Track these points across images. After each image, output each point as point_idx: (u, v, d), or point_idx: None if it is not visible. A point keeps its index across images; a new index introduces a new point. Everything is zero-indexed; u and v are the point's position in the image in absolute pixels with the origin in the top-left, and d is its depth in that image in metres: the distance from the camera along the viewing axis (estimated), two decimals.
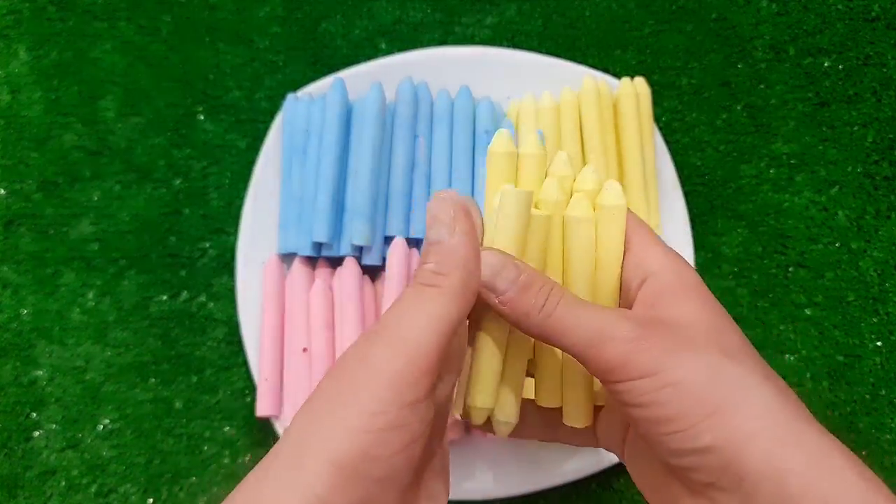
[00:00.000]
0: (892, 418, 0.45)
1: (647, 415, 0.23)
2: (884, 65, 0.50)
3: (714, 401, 0.22)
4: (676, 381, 0.22)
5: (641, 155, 0.43)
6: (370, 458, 0.19)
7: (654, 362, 0.23)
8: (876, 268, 0.47)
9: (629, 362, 0.23)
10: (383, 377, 0.20)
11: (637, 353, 0.23)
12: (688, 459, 0.22)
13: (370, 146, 0.41)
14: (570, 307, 0.24)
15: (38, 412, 0.45)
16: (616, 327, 0.23)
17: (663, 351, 0.23)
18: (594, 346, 0.23)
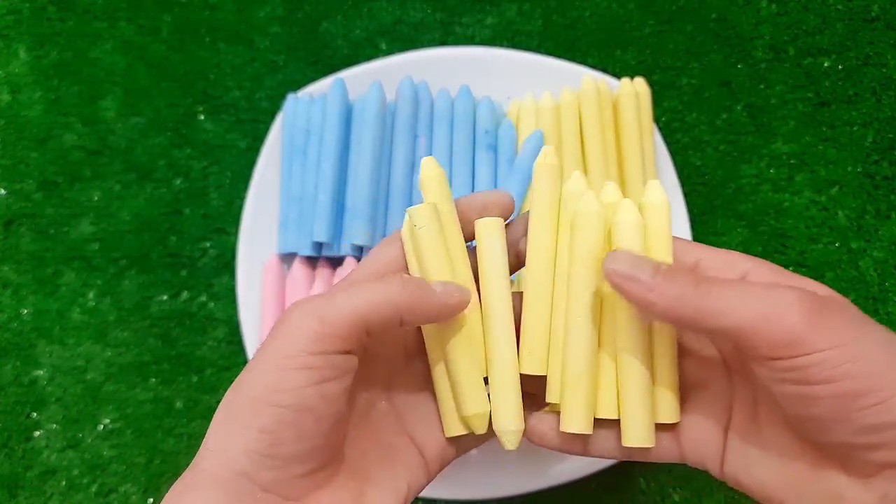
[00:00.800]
0: None
1: (834, 390, 0.21)
2: (884, 65, 0.50)
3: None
4: (865, 351, 0.21)
5: (641, 155, 0.43)
6: (279, 389, 0.22)
7: (840, 333, 0.22)
8: (876, 267, 0.47)
9: (813, 332, 0.22)
10: (300, 330, 0.23)
11: (822, 321, 0.22)
12: (879, 435, 0.22)
13: (370, 146, 0.41)
14: (728, 284, 0.23)
15: (38, 412, 0.45)
16: (792, 297, 0.22)
17: (841, 324, 0.22)
18: (770, 320, 0.22)
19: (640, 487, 0.44)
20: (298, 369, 0.23)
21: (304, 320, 0.23)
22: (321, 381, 0.23)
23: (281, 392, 0.22)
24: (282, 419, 0.22)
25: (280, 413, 0.22)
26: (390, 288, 0.24)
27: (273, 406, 0.22)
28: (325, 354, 0.23)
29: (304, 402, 0.23)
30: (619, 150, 0.44)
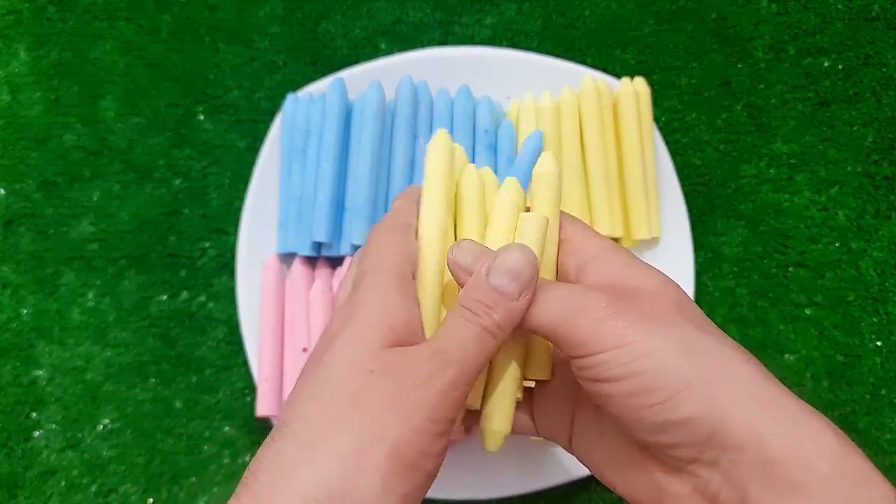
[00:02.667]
0: (892, 418, 0.45)
1: (622, 389, 0.22)
2: (884, 64, 0.50)
3: (691, 370, 0.22)
4: (652, 350, 0.22)
5: (641, 155, 0.43)
6: (427, 454, 0.22)
7: (628, 332, 0.22)
8: (876, 267, 0.47)
9: (601, 332, 0.22)
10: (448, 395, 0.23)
11: (609, 321, 0.22)
12: (668, 434, 0.22)
13: (370, 146, 0.41)
14: (540, 286, 0.24)
15: (38, 412, 0.45)
16: (586, 299, 0.23)
17: (636, 320, 0.22)
18: (566, 321, 0.23)
19: None
20: (442, 435, 0.23)
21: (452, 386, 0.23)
22: (447, 444, 0.23)
23: (429, 457, 0.22)
24: (420, 483, 0.22)
25: (422, 478, 0.22)
26: (483, 356, 0.24)
27: (419, 471, 0.22)
28: (454, 421, 0.23)
29: (439, 464, 0.23)
30: (618, 150, 0.44)
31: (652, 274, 0.25)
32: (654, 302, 0.23)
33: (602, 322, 0.23)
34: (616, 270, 0.25)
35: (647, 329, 0.22)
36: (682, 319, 0.23)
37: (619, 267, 0.25)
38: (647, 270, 0.25)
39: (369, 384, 0.22)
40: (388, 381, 0.22)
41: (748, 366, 0.22)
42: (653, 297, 0.24)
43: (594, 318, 0.23)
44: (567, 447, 0.28)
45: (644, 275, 0.25)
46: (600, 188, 0.42)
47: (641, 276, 0.25)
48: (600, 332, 0.22)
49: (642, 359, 0.22)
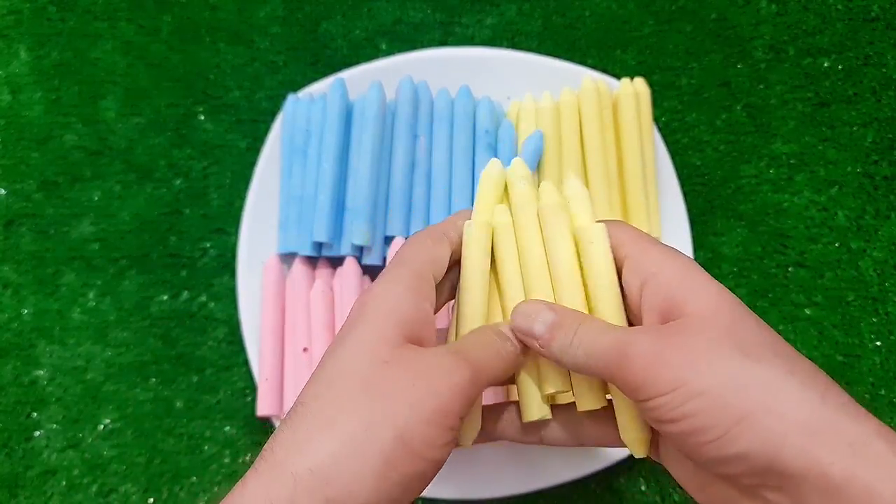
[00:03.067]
0: (891, 418, 0.45)
1: (678, 429, 0.23)
2: (883, 65, 0.50)
3: (741, 406, 0.22)
4: (701, 391, 0.22)
5: (641, 155, 0.43)
6: (434, 445, 0.23)
7: (677, 375, 0.23)
8: (875, 268, 0.47)
9: (652, 378, 0.23)
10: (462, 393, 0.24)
11: (658, 367, 0.23)
12: (728, 467, 0.22)
13: (370, 146, 0.41)
14: (589, 334, 0.25)
15: (38, 412, 0.45)
16: (633, 345, 0.24)
17: (684, 362, 0.23)
18: (619, 367, 0.24)
19: (641, 487, 0.44)
20: (451, 429, 0.23)
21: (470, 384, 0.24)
22: (454, 440, 0.24)
23: (434, 447, 0.23)
24: (422, 471, 0.23)
25: (426, 467, 0.23)
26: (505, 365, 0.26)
27: (423, 459, 0.23)
28: (462, 416, 0.24)
29: (442, 459, 0.23)
30: (618, 151, 0.44)
31: (706, 290, 0.24)
32: (703, 331, 0.23)
33: (650, 367, 0.23)
34: (672, 288, 0.25)
35: (696, 369, 0.22)
36: (733, 349, 0.23)
37: (675, 284, 0.25)
38: (701, 286, 0.25)
39: (384, 373, 0.23)
40: (403, 373, 0.23)
41: (802, 391, 0.22)
42: (703, 323, 0.24)
43: (642, 363, 0.23)
44: (656, 457, 0.28)
45: (698, 292, 0.24)
46: (600, 188, 0.42)
47: (695, 293, 0.24)
48: (649, 378, 0.23)
49: (694, 400, 0.22)
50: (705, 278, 0.25)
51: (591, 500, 0.44)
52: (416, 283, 0.26)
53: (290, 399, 0.41)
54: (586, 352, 0.25)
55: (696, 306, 0.24)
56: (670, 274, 0.25)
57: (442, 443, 0.23)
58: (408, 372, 0.23)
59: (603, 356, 0.24)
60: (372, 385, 0.23)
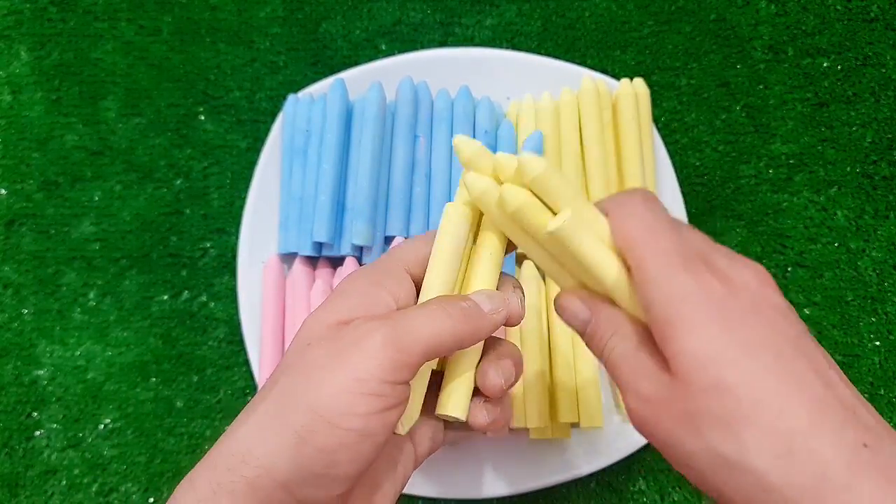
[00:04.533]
0: (891, 417, 0.45)
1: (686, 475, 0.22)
2: (882, 65, 0.50)
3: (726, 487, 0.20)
4: (687, 458, 0.21)
5: (640, 155, 0.43)
6: (348, 413, 0.22)
7: (667, 435, 0.22)
8: (875, 267, 0.47)
9: (650, 426, 0.22)
10: (377, 356, 0.23)
11: (655, 419, 0.22)
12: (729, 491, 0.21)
13: (370, 146, 0.41)
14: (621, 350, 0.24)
15: (39, 412, 0.45)
16: (640, 385, 0.22)
17: (675, 425, 0.21)
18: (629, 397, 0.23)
19: (640, 486, 0.44)
20: (370, 395, 0.22)
21: (383, 346, 0.23)
22: (385, 409, 0.23)
23: (350, 416, 0.22)
24: (344, 442, 0.22)
25: (345, 436, 0.22)
26: (455, 321, 0.24)
27: (339, 428, 0.22)
28: (395, 384, 0.23)
29: (369, 428, 0.22)
30: (618, 151, 0.44)
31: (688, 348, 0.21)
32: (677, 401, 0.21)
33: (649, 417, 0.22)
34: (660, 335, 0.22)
35: (684, 434, 0.21)
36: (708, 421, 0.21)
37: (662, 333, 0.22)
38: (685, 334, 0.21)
39: (303, 354, 0.24)
40: (319, 349, 0.24)
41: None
42: (682, 391, 0.21)
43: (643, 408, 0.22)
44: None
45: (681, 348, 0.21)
46: (599, 188, 0.42)
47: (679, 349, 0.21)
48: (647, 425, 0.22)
49: (683, 468, 0.22)
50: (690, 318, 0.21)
51: (591, 498, 0.44)
52: (378, 276, 0.26)
53: None
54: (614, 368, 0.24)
55: (677, 367, 0.21)
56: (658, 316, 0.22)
57: (362, 411, 0.22)
58: (323, 348, 0.23)
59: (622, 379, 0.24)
60: (293, 366, 0.24)
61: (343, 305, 0.25)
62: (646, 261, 0.23)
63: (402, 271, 0.26)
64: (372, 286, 0.25)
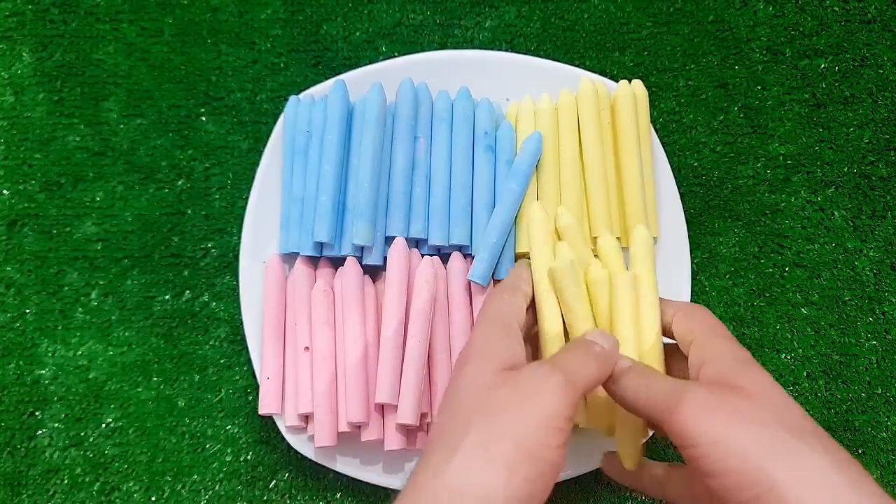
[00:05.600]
0: (887, 416, 0.46)
1: (717, 483, 0.25)
2: (880, 66, 0.50)
3: (776, 474, 0.24)
4: (740, 450, 0.24)
5: (639, 156, 0.43)
6: (546, 445, 0.26)
7: (722, 430, 0.25)
8: (872, 267, 0.48)
9: (700, 427, 0.25)
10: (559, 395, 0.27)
11: (707, 417, 0.25)
12: None
13: (371, 147, 0.42)
14: (638, 376, 0.29)
15: (41, 411, 0.45)
16: (689, 392, 0.26)
17: (731, 420, 0.25)
18: (671, 411, 0.26)
19: None
20: (558, 429, 0.26)
21: (562, 387, 0.27)
22: (565, 443, 0.27)
23: (547, 448, 0.26)
24: (542, 472, 0.25)
25: (544, 467, 0.25)
26: (598, 363, 0.29)
27: (540, 459, 0.25)
28: (570, 419, 0.27)
29: (557, 459, 0.26)
30: (616, 152, 0.44)
31: (760, 377, 0.27)
32: (754, 402, 0.26)
33: (700, 415, 0.26)
34: (728, 371, 0.28)
35: (739, 428, 0.25)
36: (778, 422, 0.25)
37: (732, 368, 0.28)
38: (756, 374, 0.28)
39: (491, 395, 0.27)
40: (507, 391, 0.27)
41: (837, 475, 0.24)
42: (755, 397, 0.26)
43: (694, 411, 0.26)
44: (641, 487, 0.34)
45: (752, 377, 0.27)
46: (598, 189, 0.43)
47: (750, 378, 0.27)
48: (699, 425, 0.25)
49: (732, 458, 0.24)
50: (760, 369, 0.28)
51: (590, 497, 0.45)
52: (504, 331, 0.30)
53: (291, 397, 0.41)
54: (647, 393, 0.28)
55: (750, 385, 0.27)
56: (730, 358, 0.28)
57: (556, 444, 0.26)
58: (511, 389, 0.27)
59: (660, 398, 0.27)
60: (483, 407, 0.27)
61: (497, 357, 0.29)
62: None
63: (514, 322, 0.31)
64: (507, 339, 0.30)
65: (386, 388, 0.39)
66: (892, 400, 0.46)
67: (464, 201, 0.42)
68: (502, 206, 0.41)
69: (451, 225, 0.42)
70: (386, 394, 0.39)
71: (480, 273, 0.41)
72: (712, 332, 0.30)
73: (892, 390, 0.46)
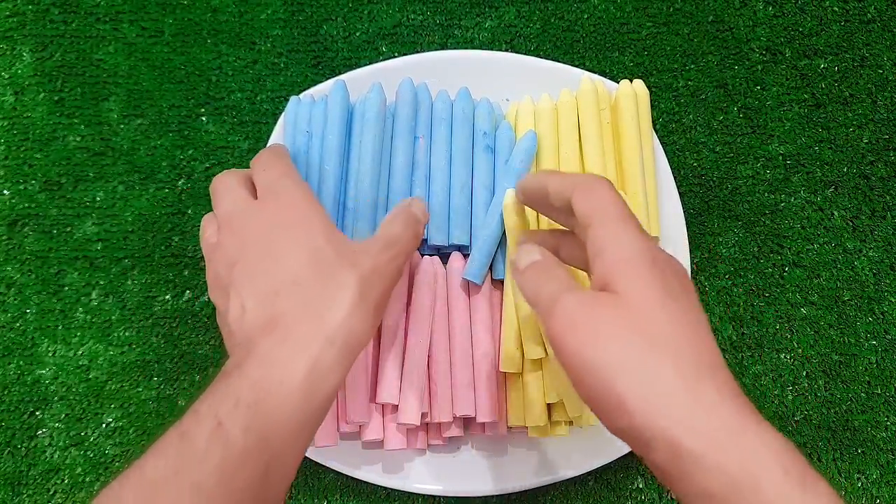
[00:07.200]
0: (887, 416, 0.46)
1: (581, 395, 0.26)
2: (879, 66, 0.50)
3: (624, 394, 0.24)
4: (596, 367, 0.24)
5: (640, 156, 0.43)
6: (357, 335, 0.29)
7: (581, 345, 0.25)
8: (871, 267, 0.48)
9: (563, 339, 0.26)
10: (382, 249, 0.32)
11: (570, 331, 0.25)
12: (621, 436, 0.25)
13: (371, 147, 0.42)
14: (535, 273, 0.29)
15: (41, 411, 0.45)
16: (561, 302, 0.26)
17: (590, 334, 0.25)
18: (546, 317, 0.27)
19: (638, 485, 0.45)
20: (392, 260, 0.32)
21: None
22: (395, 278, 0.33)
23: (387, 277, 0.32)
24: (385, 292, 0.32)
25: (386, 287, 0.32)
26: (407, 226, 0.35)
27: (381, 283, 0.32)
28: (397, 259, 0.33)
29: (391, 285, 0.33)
30: (617, 151, 0.44)
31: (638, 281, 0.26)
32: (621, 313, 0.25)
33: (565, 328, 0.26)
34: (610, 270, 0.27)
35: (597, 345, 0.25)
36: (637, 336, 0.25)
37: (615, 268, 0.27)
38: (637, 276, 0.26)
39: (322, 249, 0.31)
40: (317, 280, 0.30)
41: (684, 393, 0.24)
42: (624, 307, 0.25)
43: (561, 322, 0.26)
44: None
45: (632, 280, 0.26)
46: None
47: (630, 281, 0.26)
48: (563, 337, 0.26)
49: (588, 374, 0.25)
50: (647, 276, 0.26)
51: (589, 496, 0.45)
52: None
53: None
54: (536, 297, 0.28)
55: (626, 292, 0.26)
56: (617, 257, 0.27)
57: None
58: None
59: (543, 303, 0.27)
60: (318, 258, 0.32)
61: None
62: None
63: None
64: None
65: (387, 388, 0.39)
66: (892, 400, 0.46)
67: (463, 201, 0.42)
68: (496, 204, 0.41)
69: (450, 225, 0.42)
70: (387, 394, 0.39)
71: (475, 271, 0.41)
72: (609, 216, 0.28)
73: (891, 390, 0.46)
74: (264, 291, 0.30)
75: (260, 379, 0.27)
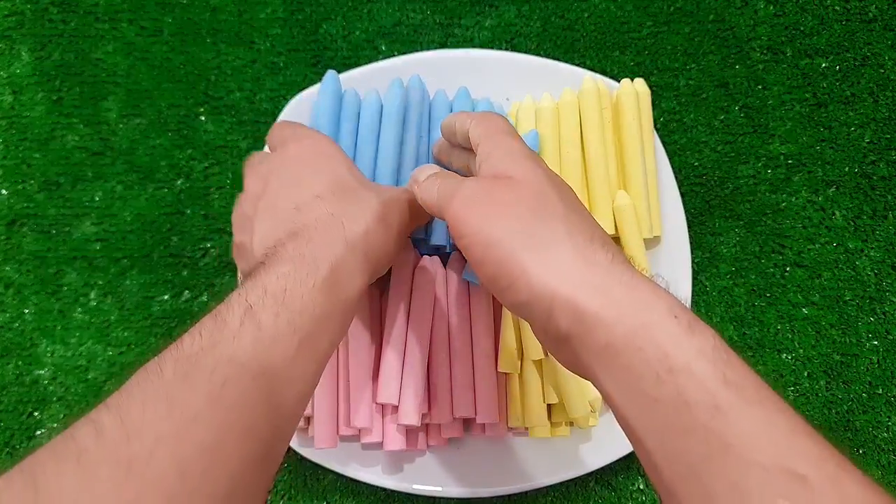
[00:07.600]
0: (888, 416, 0.46)
1: (483, 274, 0.27)
2: (881, 65, 0.50)
3: (526, 261, 0.25)
4: (494, 241, 0.26)
5: (642, 154, 0.43)
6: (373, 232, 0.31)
7: (480, 222, 0.27)
8: (873, 267, 0.48)
9: (463, 219, 0.27)
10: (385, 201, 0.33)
11: (468, 210, 0.27)
12: (522, 312, 0.26)
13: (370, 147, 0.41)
14: (434, 179, 0.31)
15: (40, 411, 0.45)
16: (460, 189, 0.28)
17: (487, 212, 0.27)
18: (446, 206, 0.28)
19: (638, 486, 0.45)
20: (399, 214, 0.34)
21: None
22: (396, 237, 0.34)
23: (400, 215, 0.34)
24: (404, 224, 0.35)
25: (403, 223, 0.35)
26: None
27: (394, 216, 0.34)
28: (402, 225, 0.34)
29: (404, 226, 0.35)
30: (619, 150, 0.44)
31: (527, 165, 0.29)
32: (515, 192, 0.27)
33: (463, 209, 0.27)
34: (500, 163, 0.29)
35: (497, 220, 0.26)
36: (532, 210, 0.26)
37: (504, 160, 0.29)
38: (524, 164, 0.29)
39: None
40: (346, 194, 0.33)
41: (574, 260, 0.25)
42: (518, 186, 0.27)
43: (459, 205, 0.28)
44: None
45: (521, 166, 0.29)
46: (600, 187, 0.43)
47: (519, 166, 0.29)
48: (462, 218, 0.27)
49: (489, 249, 0.26)
50: (532, 163, 0.29)
51: (590, 497, 0.45)
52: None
53: None
54: (435, 193, 0.30)
55: (517, 175, 0.28)
56: (504, 151, 0.29)
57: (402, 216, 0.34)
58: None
59: (443, 195, 0.29)
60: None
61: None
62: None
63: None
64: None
65: (386, 389, 0.39)
66: (893, 400, 0.46)
67: None
68: None
69: None
70: (387, 394, 0.39)
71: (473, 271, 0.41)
72: (496, 129, 0.31)
73: (892, 390, 0.46)
74: (288, 209, 0.31)
75: (286, 273, 0.27)
